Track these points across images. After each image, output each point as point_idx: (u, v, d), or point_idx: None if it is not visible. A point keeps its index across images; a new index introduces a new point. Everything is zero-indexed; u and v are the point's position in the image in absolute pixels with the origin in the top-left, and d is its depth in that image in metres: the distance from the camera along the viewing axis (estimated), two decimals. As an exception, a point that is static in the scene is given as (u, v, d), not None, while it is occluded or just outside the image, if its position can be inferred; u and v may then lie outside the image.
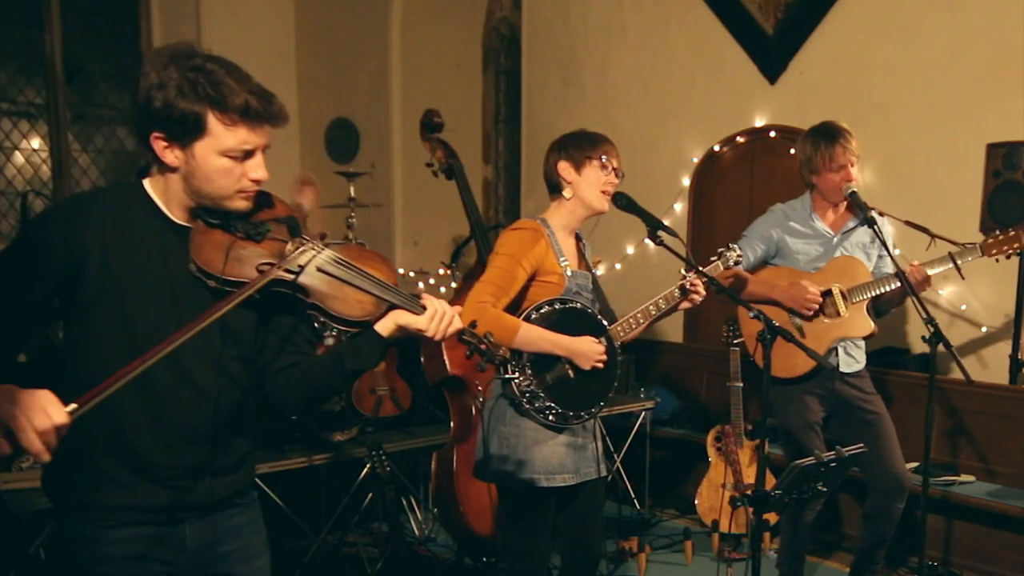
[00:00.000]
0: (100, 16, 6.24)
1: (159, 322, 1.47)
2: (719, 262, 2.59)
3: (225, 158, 1.43)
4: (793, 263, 3.14)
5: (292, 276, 1.48)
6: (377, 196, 5.72)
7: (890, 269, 3.09)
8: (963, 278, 2.94)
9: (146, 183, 1.52)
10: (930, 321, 2.76)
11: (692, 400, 4.52)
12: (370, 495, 3.47)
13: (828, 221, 3.15)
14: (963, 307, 3.77)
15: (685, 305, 2.43)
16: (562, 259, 2.35)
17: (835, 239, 3.13)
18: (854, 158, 3.00)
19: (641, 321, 2.41)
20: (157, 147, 1.44)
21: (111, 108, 6.38)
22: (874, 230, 2.94)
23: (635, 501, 4.23)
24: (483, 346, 1.64)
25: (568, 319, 2.29)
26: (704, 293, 2.41)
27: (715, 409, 4.27)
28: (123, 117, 6.42)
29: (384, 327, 1.56)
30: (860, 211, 3.00)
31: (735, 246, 2.60)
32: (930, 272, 2.92)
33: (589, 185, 2.35)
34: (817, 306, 3.00)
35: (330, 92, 6.43)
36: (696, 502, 4.06)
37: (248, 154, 1.46)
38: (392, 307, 1.56)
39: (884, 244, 2.94)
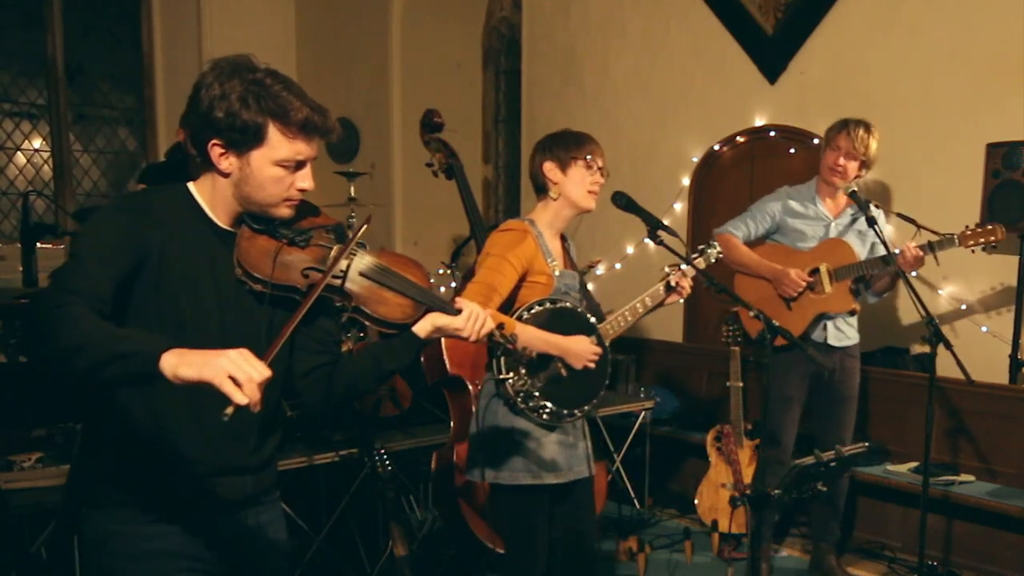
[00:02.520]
0: (101, 16, 6.25)
1: (208, 324, 1.52)
2: (700, 259, 2.57)
3: (279, 167, 1.49)
4: (791, 241, 3.37)
5: (339, 281, 1.56)
6: (377, 196, 5.72)
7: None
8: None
9: (191, 187, 1.56)
10: (930, 321, 2.79)
11: (692, 400, 4.52)
12: (370, 495, 3.47)
13: (828, 206, 3.37)
14: (963, 307, 3.77)
15: (671, 300, 2.46)
16: (550, 259, 2.36)
17: (833, 223, 3.34)
18: (852, 150, 3.18)
19: (629, 319, 2.44)
20: (213, 154, 1.49)
21: (112, 108, 6.39)
22: (875, 230, 3.00)
23: (635, 501, 4.23)
24: (511, 347, 1.73)
25: (559, 319, 2.31)
26: (689, 289, 2.44)
27: (715, 409, 4.27)
28: (124, 117, 6.43)
29: (421, 328, 1.64)
30: (861, 210, 3.08)
31: (715, 243, 2.62)
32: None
33: (575, 185, 2.36)
34: (796, 292, 3.25)
35: (330, 92, 6.42)
36: (696, 502, 4.05)
37: (300, 165, 1.51)
38: (428, 309, 1.63)
39: (885, 244, 2.99)
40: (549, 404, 2.28)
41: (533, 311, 2.29)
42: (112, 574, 1.54)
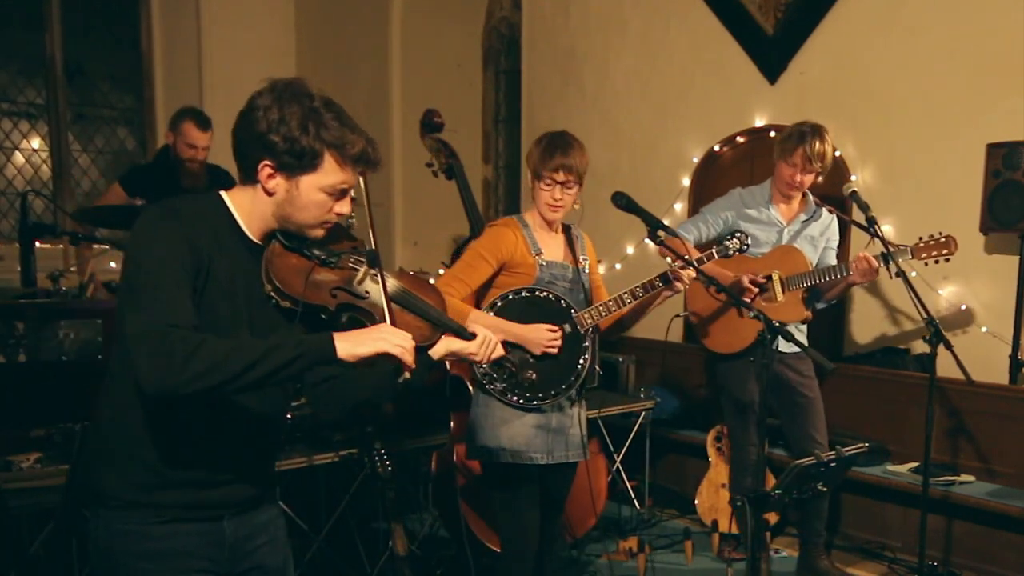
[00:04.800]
0: (100, 16, 6.24)
1: (240, 336, 1.54)
2: (714, 251, 2.62)
3: (324, 193, 1.54)
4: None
5: (366, 302, 1.62)
6: (377, 196, 5.70)
7: (833, 263, 3.34)
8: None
9: (226, 198, 1.58)
10: (930, 321, 2.80)
11: (692, 400, 4.52)
12: (370, 495, 3.47)
13: (782, 211, 3.37)
14: (963, 307, 3.76)
15: (667, 294, 2.46)
16: (535, 250, 2.49)
17: (786, 229, 3.35)
18: (809, 166, 3.17)
19: (612, 308, 2.48)
20: (263, 174, 1.52)
21: (111, 108, 6.38)
22: (872, 231, 3.00)
23: (635, 501, 4.23)
24: (513, 368, 1.88)
25: (529, 306, 2.46)
26: (688, 283, 2.45)
27: (715, 409, 4.27)
28: (123, 117, 6.43)
29: (436, 351, 1.72)
30: (862, 211, 3.06)
31: (740, 233, 2.61)
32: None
33: (538, 197, 2.50)
34: (747, 299, 3.20)
35: (330, 92, 6.39)
36: (696, 502, 4.06)
37: (344, 192, 1.57)
38: (444, 333, 1.72)
39: (884, 244, 2.98)
40: (514, 388, 2.42)
41: (508, 298, 2.45)
42: (125, 574, 1.55)
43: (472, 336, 1.74)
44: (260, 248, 1.58)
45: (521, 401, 2.45)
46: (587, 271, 2.60)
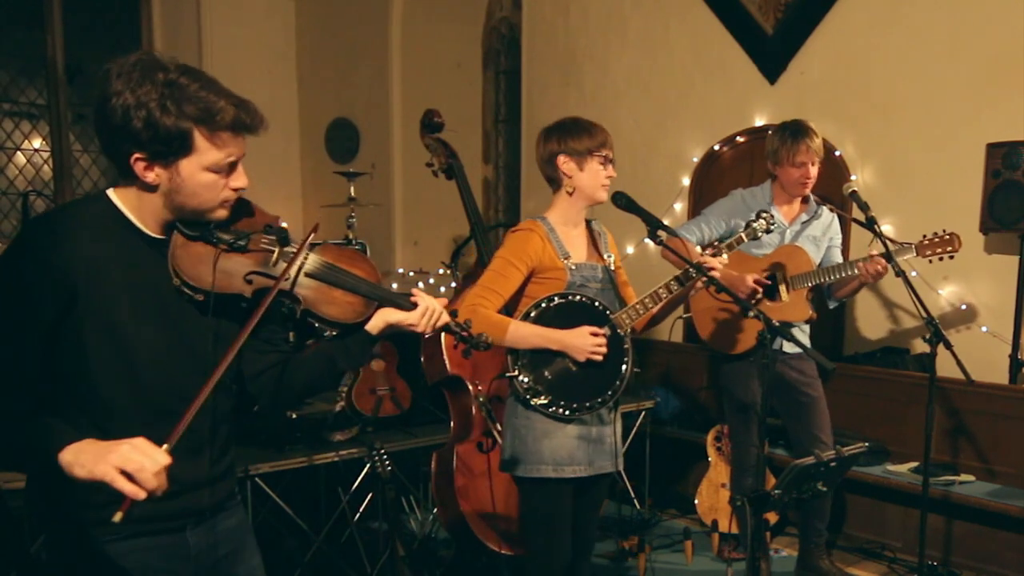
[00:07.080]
0: (101, 16, 6.25)
1: (154, 341, 1.45)
2: (743, 234, 2.50)
3: (210, 172, 1.42)
4: (745, 248, 3.25)
5: (287, 284, 1.50)
6: (377, 196, 5.72)
7: (839, 261, 3.34)
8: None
9: (112, 195, 1.46)
10: (930, 321, 2.80)
11: (692, 400, 4.52)
12: (370, 495, 3.47)
13: (784, 212, 3.37)
14: (963, 307, 3.77)
15: (700, 283, 2.37)
16: (563, 254, 2.37)
17: (788, 230, 3.35)
18: (816, 158, 3.21)
19: (649, 305, 2.38)
20: (137, 168, 1.39)
21: (112, 108, 6.38)
22: (873, 231, 3.00)
23: (635, 501, 4.23)
24: (465, 333, 1.72)
25: (566, 313, 2.33)
26: (721, 268, 2.34)
27: (715, 409, 4.27)
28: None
29: (374, 326, 1.61)
30: (861, 210, 3.06)
31: (765, 213, 2.50)
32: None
33: (591, 180, 2.37)
34: (753, 299, 3.15)
35: (330, 92, 6.43)
36: (696, 502, 4.06)
37: (232, 165, 1.44)
38: (379, 305, 1.60)
39: (885, 244, 2.98)
40: (558, 399, 2.31)
41: (540, 307, 2.33)
42: None
43: (413, 306, 1.61)
44: (162, 242, 1.46)
45: (567, 412, 2.33)
46: (614, 269, 2.49)
